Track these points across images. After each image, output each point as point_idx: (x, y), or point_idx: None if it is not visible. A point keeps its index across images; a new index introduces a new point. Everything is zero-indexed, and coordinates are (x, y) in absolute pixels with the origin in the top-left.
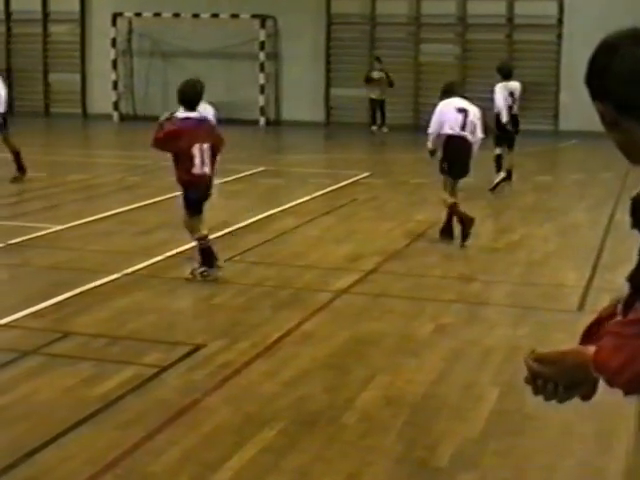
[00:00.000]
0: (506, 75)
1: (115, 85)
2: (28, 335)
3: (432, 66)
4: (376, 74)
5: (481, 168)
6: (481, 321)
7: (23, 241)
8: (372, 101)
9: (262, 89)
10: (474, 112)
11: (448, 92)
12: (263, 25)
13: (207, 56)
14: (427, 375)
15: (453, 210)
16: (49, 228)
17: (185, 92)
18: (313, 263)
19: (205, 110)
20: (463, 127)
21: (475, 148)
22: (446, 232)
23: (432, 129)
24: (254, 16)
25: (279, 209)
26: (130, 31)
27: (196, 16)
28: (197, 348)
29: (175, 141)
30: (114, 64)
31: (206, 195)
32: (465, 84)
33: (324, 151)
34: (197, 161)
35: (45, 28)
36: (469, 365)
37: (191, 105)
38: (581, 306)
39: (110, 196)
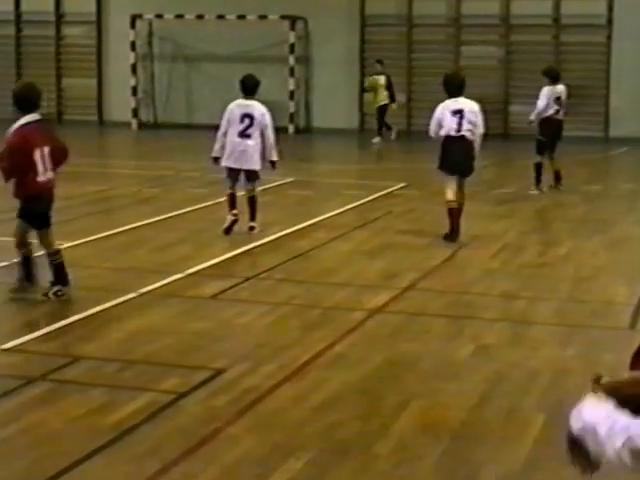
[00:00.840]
0: (554, 78)
1: (134, 91)
2: (34, 360)
3: (473, 70)
4: (381, 79)
5: (525, 178)
6: (525, 341)
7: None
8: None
9: (292, 95)
10: (471, 110)
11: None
12: (293, 27)
13: (233, 60)
14: (467, 400)
15: (450, 212)
16: (59, 244)
17: (19, 95)
18: (345, 280)
19: (251, 107)
20: (459, 129)
21: (476, 145)
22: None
23: (431, 132)
24: (283, 17)
25: (309, 222)
26: (150, 34)
27: (221, 17)
28: (218, 372)
29: (21, 153)
30: (133, 69)
31: (51, 205)
32: (509, 88)
33: (358, 160)
34: (40, 168)
35: (58, 30)
36: (512, 389)
37: (28, 108)
38: (633, 324)
39: (126, 209)
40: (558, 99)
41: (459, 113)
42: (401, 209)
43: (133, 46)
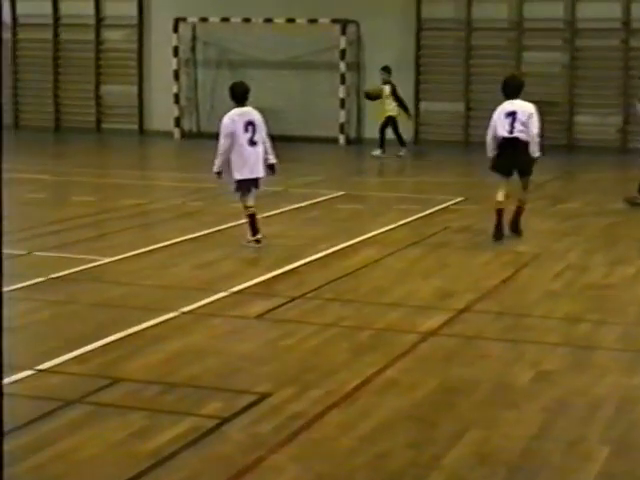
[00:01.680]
0: None
1: (177, 98)
2: (72, 382)
3: (536, 77)
4: (386, 89)
5: (591, 192)
6: (589, 367)
7: (68, 275)
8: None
9: (342, 103)
10: (523, 111)
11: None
12: (344, 31)
13: (281, 66)
14: (526, 430)
15: (497, 213)
16: (98, 260)
17: None
18: (397, 300)
19: (250, 113)
20: (511, 130)
21: (532, 146)
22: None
23: (489, 135)
24: (334, 21)
25: (360, 239)
26: (194, 38)
27: (268, 21)
28: (263, 397)
29: None
30: (176, 75)
31: None
32: (574, 96)
33: (412, 173)
34: None
35: (98, 34)
36: (575, 419)
37: None
38: None
39: (168, 224)
40: None
41: (512, 115)
42: (458, 225)
43: (176, 51)
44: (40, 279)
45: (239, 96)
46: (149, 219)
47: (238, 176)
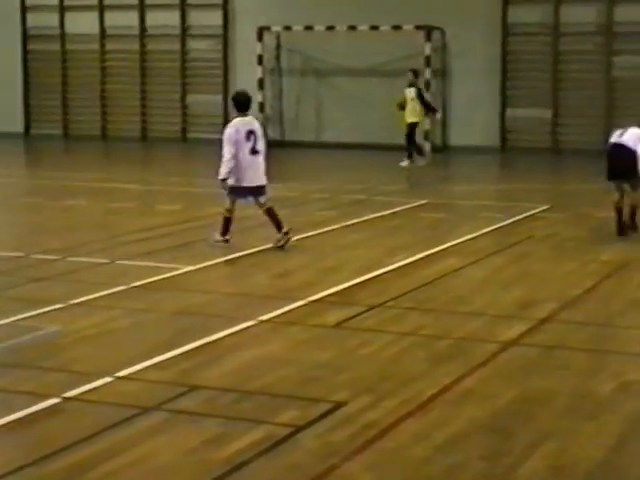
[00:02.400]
0: None
1: (261, 107)
2: (150, 389)
3: (627, 82)
4: (411, 92)
5: None
6: None
7: (149, 283)
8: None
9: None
10: (633, 133)
11: None
12: (429, 38)
13: (365, 74)
14: (605, 441)
15: (616, 210)
16: (179, 269)
17: None
18: (477, 310)
19: (251, 123)
20: (621, 135)
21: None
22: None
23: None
24: (418, 27)
25: (441, 247)
26: (278, 47)
27: (352, 28)
28: (338, 405)
29: None
30: (260, 84)
31: None
32: None
33: (498, 181)
34: None
35: (183, 44)
36: None
37: None
38: None
39: (250, 232)
40: None
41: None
42: (543, 233)
43: (260, 60)
44: (122, 287)
45: (242, 105)
46: (232, 228)
47: (232, 182)
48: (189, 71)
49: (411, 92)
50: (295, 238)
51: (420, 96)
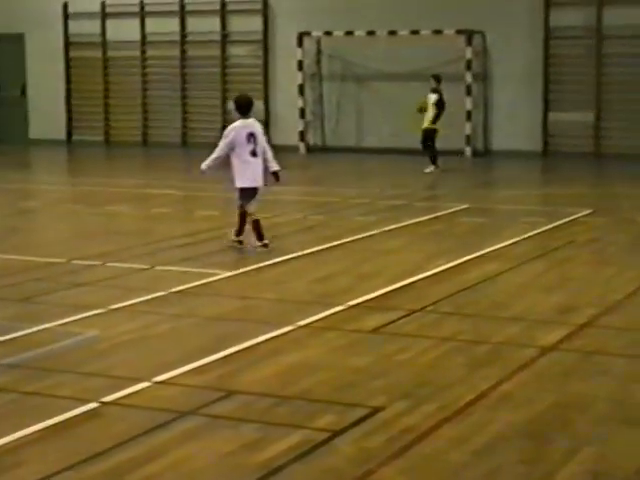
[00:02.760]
0: None
1: (302, 113)
2: (188, 394)
3: None
4: (432, 97)
5: None
6: None
7: (188, 289)
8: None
9: (469, 115)
10: None
11: None
12: (470, 42)
13: (406, 78)
14: None
15: None
16: (218, 274)
17: None
18: (517, 315)
19: (253, 125)
20: None
21: None
22: None
23: None
24: (459, 32)
25: (481, 252)
26: (319, 52)
27: (393, 33)
28: (376, 411)
29: None
30: (301, 89)
31: None
32: None
33: (540, 185)
34: None
35: (224, 50)
36: None
37: None
38: None
39: (289, 237)
40: None
41: None
42: (584, 238)
43: (300, 65)
44: (161, 293)
45: (244, 108)
46: (270, 233)
47: (240, 184)
48: (229, 77)
49: (431, 98)
50: (335, 243)
51: (439, 102)
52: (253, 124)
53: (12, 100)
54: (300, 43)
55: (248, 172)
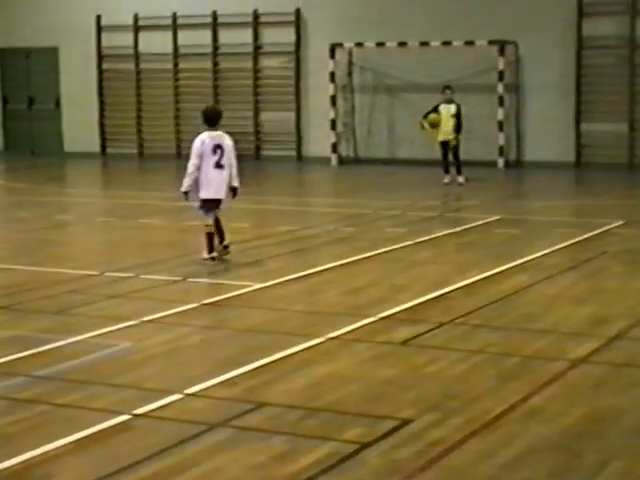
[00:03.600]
0: None
1: (334, 124)
2: (218, 406)
3: None
4: (452, 108)
5: None
6: None
7: (219, 301)
8: (441, 144)
9: (501, 126)
10: None
11: None
12: (502, 52)
13: (438, 89)
14: None
15: None
16: (249, 286)
17: None
18: (547, 327)
19: (220, 138)
20: None
21: None
22: None
23: None
24: (491, 42)
25: (513, 264)
26: (350, 63)
27: (425, 44)
28: (404, 423)
29: None
30: (333, 100)
31: None
32: None
33: (573, 196)
34: None
35: (256, 62)
36: None
37: None
38: None
39: (320, 249)
40: None
41: None
42: (617, 249)
43: (332, 77)
44: (193, 305)
45: (211, 120)
46: (301, 245)
47: (203, 195)
48: (261, 89)
49: (451, 109)
50: (366, 255)
51: (459, 113)
52: (221, 136)
53: (46, 113)
54: (332, 54)
55: (211, 183)
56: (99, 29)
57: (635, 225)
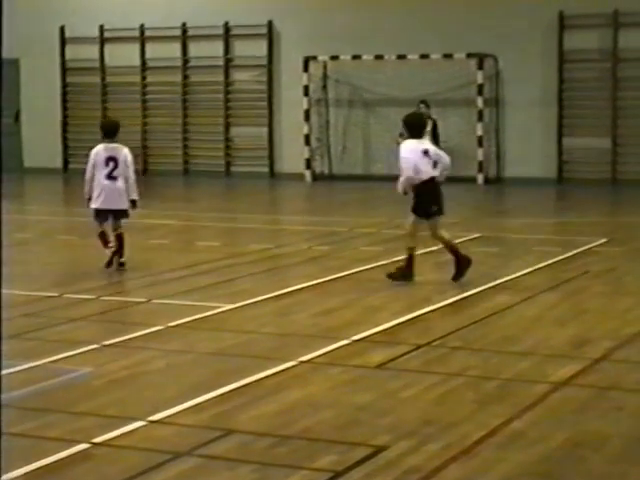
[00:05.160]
0: None
1: (307, 140)
2: (183, 433)
3: None
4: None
5: None
6: None
7: (186, 323)
8: None
9: (480, 141)
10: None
11: None
12: (481, 66)
13: (415, 104)
14: None
15: None
16: (218, 307)
17: None
18: (528, 349)
19: (115, 150)
20: None
21: None
22: None
23: None
24: (470, 55)
25: (492, 284)
26: (325, 77)
27: (402, 57)
28: (379, 450)
29: None
30: (306, 115)
31: None
32: None
33: (554, 213)
34: None
35: (227, 75)
36: None
37: None
38: None
39: (293, 269)
40: None
41: None
42: (599, 268)
43: (306, 91)
44: (158, 327)
45: (107, 132)
46: (273, 264)
47: (92, 204)
48: (233, 103)
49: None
50: (340, 275)
51: (434, 130)
52: (116, 149)
53: (5, 128)
54: (306, 68)
55: (102, 194)
56: (63, 41)
57: (618, 243)
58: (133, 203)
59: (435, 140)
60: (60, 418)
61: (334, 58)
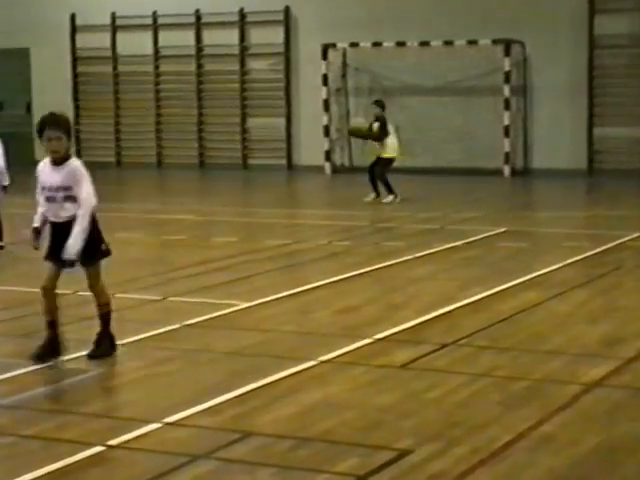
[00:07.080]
0: None
1: (327, 130)
2: (201, 435)
3: None
4: (375, 126)
5: None
6: None
7: (202, 321)
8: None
9: (507, 131)
10: None
11: None
12: (508, 52)
13: (438, 92)
14: None
15: None
16: (235, 305)
17: None
18: (558, 348)
19: None
20: None
21: None
22: None
23: None
24: (496, 41)
25: (520, 280)
26: (344, 65)
27: (425, 44)
28: (403, 454)
29: None
30: (326, 105)
31: None
32: None
33: (584, 206)
34: None
35: (242, 64)
36: None
37: None
38: None
39: (312, 265)
40: None
41: None
42: (632, 263)
43: (325, 79)
44: (174, 326)
45: None
46: (292, 260)
47: None
48: (249, 92)
49: (375, 126)
50: (361, 271)
51: (383, 131)
52: None
53: (17, 119)
54: (324, 55)
55: None
56: (73, 29)
57: None
58: (4, 188)
59: (380, 136)
60: (74, 420)
61: (354, 45)
